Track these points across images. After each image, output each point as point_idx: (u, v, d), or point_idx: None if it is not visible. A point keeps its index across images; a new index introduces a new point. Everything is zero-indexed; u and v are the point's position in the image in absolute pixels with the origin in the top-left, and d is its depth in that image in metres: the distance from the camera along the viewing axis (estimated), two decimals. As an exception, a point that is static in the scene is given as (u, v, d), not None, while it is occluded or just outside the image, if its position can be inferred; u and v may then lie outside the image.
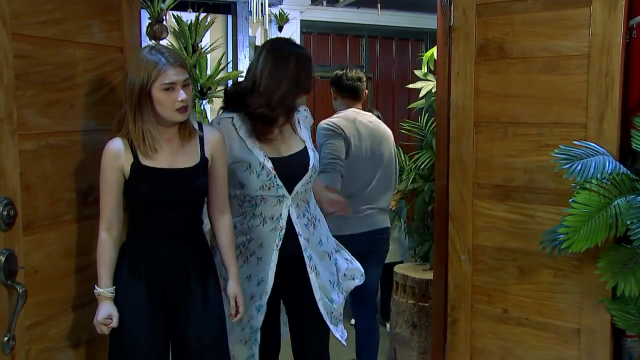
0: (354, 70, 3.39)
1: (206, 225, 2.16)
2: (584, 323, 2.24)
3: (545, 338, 2.35)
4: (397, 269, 3.74)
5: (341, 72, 3.36)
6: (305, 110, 2.39)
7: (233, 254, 2.12)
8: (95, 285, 1.91)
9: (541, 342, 2.36)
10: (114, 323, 1.89)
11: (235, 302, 2.09)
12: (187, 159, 1.98)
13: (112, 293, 1.91)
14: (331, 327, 2.31)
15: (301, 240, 2.22)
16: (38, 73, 1.75)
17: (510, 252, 2.41)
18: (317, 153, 2.33)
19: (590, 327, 2.23)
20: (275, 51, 2.21)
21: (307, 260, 2.23)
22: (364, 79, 3.40)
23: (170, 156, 1.95)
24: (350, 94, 3.33)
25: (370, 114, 3.43)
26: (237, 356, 2.25)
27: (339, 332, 2.35)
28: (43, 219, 1.78)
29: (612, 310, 2.12)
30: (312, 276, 2.24)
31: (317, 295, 2.26)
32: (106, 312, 1.89)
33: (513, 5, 2.35)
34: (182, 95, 1.86)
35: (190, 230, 2.04)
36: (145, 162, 1.91)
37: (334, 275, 2.37)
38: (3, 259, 1.54)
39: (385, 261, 4.25)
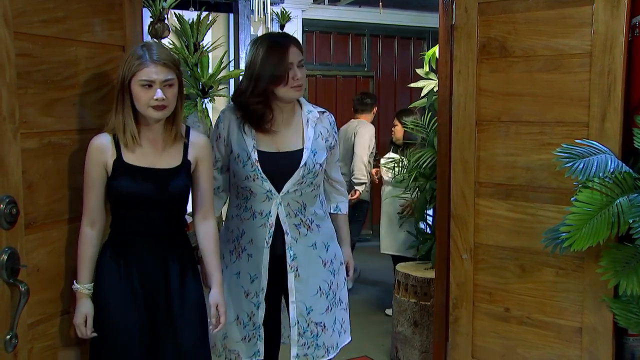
0: (362, 94, 5.56)
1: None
2: (585, 322, 2.24)
3: (547, 337, 2.35)
4: (399, 267, 3.74)
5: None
6: (321, 113, 2.30)
7: (217, 260, 2.09)
8: (75, 281, 1.89)
9: (543, 340, 2.36)
10: (89, 324, 1.88)
11: (217, 311, 2.05)
12: (168, 161, 1.97)
13: (90, 290, 1.90)
14: (292, 334, 2.21)
15: (287, 238, 2.19)
16: (40, 72, 1.75)
17: (512, 250, 2.41)
18: (321, 156, 2.23)
19: (592, 326, 2.23)
20: (252, 45, 2.23)
21: (288, 259, 2.20)
22: (364, 100, 5.34)
23: (153, 156, 1.95)
24: (353, 109, 5.39)
25: (354, 122, 5.28)
26: (241, 354, 2.24)
27: (296, 347, 2.21)
28: (45, 218, 1.78)
29: (614, 309, 2.12)
30: (290, 276, 2.20)
31: (292, 297, 2.21)
32: (83, 313, 1.88)
33: (515, 4, 2.34)
34: (158, 94, 1.85)
35: (171, 231, 2.01)
36: (128, 159, 1.92)
37: (328, 285, 2.25)
38: (5, 258, 1.54)
39: (394, 253, 4.48)
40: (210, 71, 5.37)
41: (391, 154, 4.56)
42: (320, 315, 2.23)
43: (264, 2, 5.24)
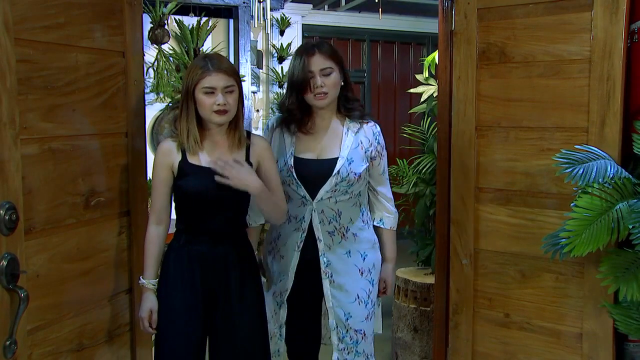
0: None
1: (255, 222, 2.33)
2: (586, 327, 2.24)
3: (547, 342, 2.35)
4: (398, 273, 3.73)
5: None
6: (364, 122, 2.31)
7: None
8: (140, 277, 2.08)
9: (543, 346, 2.36)
10: (153, 318, 2.03)
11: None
12: None
13: (154, 285, 2.07)
14: (333, 339, 2.25)
15: (320, 245, 2.23)
16: (41, 77, 1.75)
17: (512, 256, 2.41)
18: (358, 165, 2.23)
19: (592, 332, 2.22)
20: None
21: (322, 266, 2.23)
22: None
23: (216, 158, 2.06)
24: None
25: None
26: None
27: (336, 352, 2.27)
28: (45, 223, 1.78)
29: (614, 315, 2.12)
30: (325, 282, 2.24)
31: (329, 303, 2.26)
32: (148, 307, 2.05)
33: (514, 10, 2.35)
34: (219, 99, 1.99)
35: (232, 230, 2.13)
36: (192, 160, 2.05)
37: (366, 294, 2.28)
38: (5, 263, 1.54)
39: None
40: (210, 76, 5.38)
41: None
42: (360, 323, 2.25)
43: (264, 8, 5.24)
